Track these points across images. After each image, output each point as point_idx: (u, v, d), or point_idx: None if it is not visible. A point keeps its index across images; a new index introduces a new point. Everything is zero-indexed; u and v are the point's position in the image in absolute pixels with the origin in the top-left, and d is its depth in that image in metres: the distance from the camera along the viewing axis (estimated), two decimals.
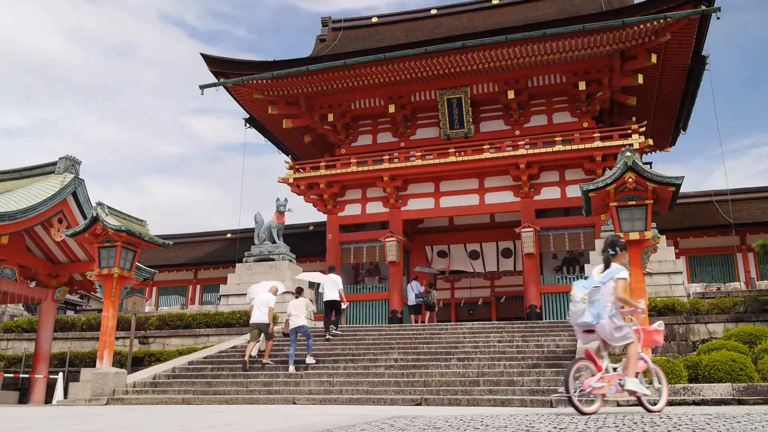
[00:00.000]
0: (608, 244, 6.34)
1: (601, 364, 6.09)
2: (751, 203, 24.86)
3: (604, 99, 22.34)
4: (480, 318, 23.60)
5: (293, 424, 5.22)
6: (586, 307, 6.01)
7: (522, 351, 13.21)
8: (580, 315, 6.07)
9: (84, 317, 20.87)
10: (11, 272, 17.23)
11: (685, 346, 14.36)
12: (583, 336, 6.34)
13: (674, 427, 4.05)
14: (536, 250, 21.51)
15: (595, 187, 12.06)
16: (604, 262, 6.24)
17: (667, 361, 10.29)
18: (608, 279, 6.04)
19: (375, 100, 24.38)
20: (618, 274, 6.03)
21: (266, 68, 22.81)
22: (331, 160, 24.28)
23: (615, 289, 5.95)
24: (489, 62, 21.37)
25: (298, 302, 13.93)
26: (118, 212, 14.44)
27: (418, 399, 10.38)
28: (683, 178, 11.72)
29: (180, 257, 29.53)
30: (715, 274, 23.97)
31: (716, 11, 18.47)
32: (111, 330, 13.83)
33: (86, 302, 32.27)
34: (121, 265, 13.86)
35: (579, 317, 6.09)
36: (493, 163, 22.06)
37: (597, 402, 5.98)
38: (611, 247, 6.28)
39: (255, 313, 13.72)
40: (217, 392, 12.17)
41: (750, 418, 4.83)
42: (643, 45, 20.09)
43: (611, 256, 6.24)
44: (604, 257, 6.28)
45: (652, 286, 15.68)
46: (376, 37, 26.46)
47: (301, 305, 13.86)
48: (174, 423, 5.71)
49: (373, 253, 23.40)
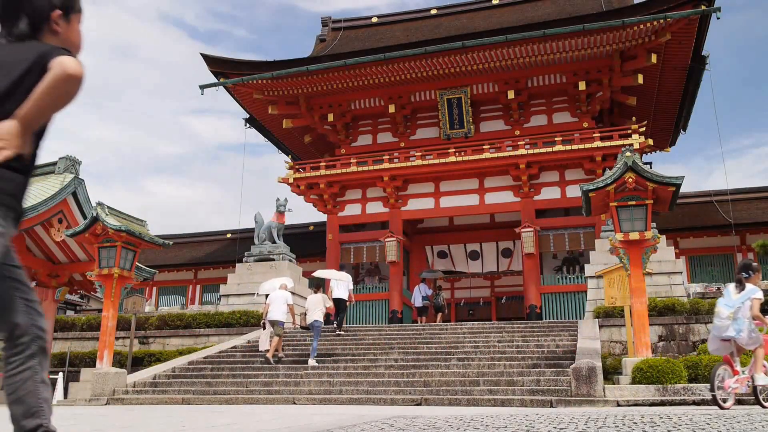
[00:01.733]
0: (742, 267, 7.33)
1: (737, 368, 7.09)
2: (751, 203, 24.86)
3: (604, 99, 22.34)
4: (480, 318, 23.60)
5: (293, 424, 5.22)
6: (731, 323, 7.01)
7: (522, 351, 13.21)
8: (725, 329, 7.10)
9: (84, 317, 20.87)
10: None
11: (685, 346, 14.35)
12: (719, 344, 7.33)
13: (674, 427, 4.04)
14: (536, 250, 21.51)
15: (595, 187, 12.06)
16: (738, 282, 7.18)
17: (667, 361, 10.29)
18: (746, 299, 6.99)
19: (375, 100, 24.38)
20: (753, 294, 6.98)
21: (266, 68, 22.81)
22: (331, 160, 24.27)
23: (751, 308, 6.92)
24: (489, 62, 21.37)
25: (316, 298, 14.30)
26: (118, 212, 14.44)
27: (418, 399, 10.38)
28: (683, 178, 11.73)
29: (180, 257, 29.51)
30: (715, 274, 23.96)
31: (716, 11, 18.48)
32: (111, 330, 13.83)
33: (86, 302, 32.27)
34: (121, 265, 13.86)
35: (724, 331, 7.11)
36: (493, 163, 22.06)
37: (731, 400, 7.01)
38: (745, 270, 7.24)
39: (271, 310, 13.84)
40: (217, 392, 12.17)
41: (750, 418, 4.83)
42: (643, 45, 20.09)
43: (745, 278, 7.15)
44: (738, 279, 7.21)
45: (652, 286, 15.67)
46: (376, 37, 26.45)
47: (319, 301, 14.21)
48: (174, 423, 5.71)
49: (373, 253, 23.39)
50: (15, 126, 1.98)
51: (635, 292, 11.75)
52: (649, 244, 11.96)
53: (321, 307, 14.14)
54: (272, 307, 13.84)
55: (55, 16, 2.19)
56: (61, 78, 1.98)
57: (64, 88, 2.00)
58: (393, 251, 22.51)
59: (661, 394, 9.77)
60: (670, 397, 9.66)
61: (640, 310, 11.64)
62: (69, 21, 2.26)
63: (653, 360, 10.39)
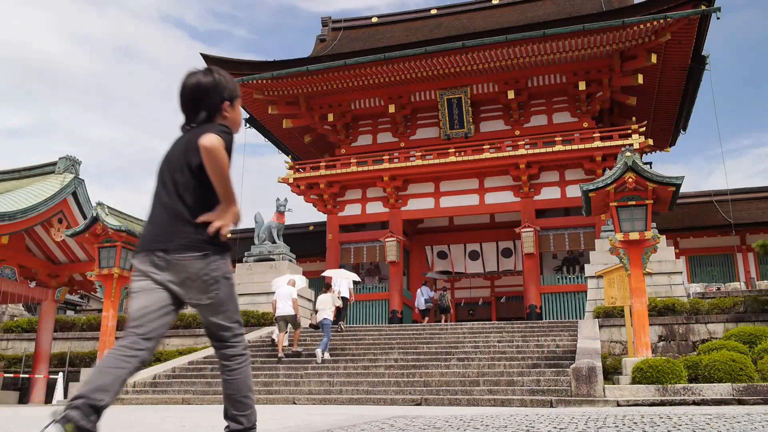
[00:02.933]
0: None
1: None
2: (751, 203, 24.86)
3: (604, 99, 22.34)
4: (480, 318, 23.61)
5: (293, 423, 5.22)
6: None
7: (522, 351, 13.21)
8: None
9: (84, 317, 20.85)
10: (11, 272, 17.23)
11: (685, 346, 14.35)
12: None
13: (674, 427, 4.04)
14: (536, 250, 21.51)
15: (595, 187, 12.06)
16: None
17: (667, 361, 10.28)
18: None
19: (375, 100, 24.37)
20: None
21: (266, 68, 22.81)
22: (331, 160, 24.27)
23: None
24: (489, 62, 21.37)
25: (326, 297, 14.50)
26: (118, 212, 14.46)
27: (418, 399, 10.38)
28: (683, 178, 11.73)
29: None
30: (715, 274, 23.96)
31: (716, 11, 18.48)
32: (111, 330, 13.84)
33: (86, 302, 32.26)
34: (121, 265, 13.87)
35: None
36: (493, 163, 22.06)
37: None
38: None
39: (279, 306, 13.99)
40: (217, 392, 12.16)
41: (750, 418, 4.83)
42: (643, 45, 20.09)
43: None
44: None
45: (652, 286, 15.67)
46: (376, 37, 26.45)
47: (328, 300, 14.41)
48: (174, 423, 5.71)
49: (373, 253, 23.39)
50: (222, 208, 2.80)
51: (635, 292, 11.75)
52: (649, 244, 11.95)
53: (331, 306, 14.32)
54: (280, 304, 14.00)
55: (225, 106, 2.92)
56: (204, 154, 2.66)
57: (209, 161, 2.65)
58: (393, 251, 22.51)
59: (661, 394, 9.77)
60: (670, 397, 9.66)
61: (640, 310, 11.63)
62: (233, 106, 2.97)
63: (653, 360, 10.39)
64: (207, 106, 2.87)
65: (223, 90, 2.92)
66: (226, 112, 2.93)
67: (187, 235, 2.74)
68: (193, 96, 2.88)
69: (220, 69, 3.01)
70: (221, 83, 2.92)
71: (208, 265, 2.76)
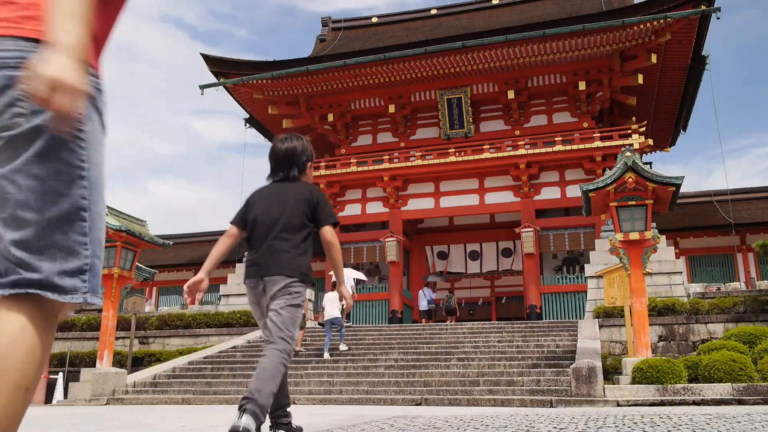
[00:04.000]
0: None
1: None
2: (751, 203, 24.86)
3: (604, 99, 22.34)
4: (480, 318, 23.61)
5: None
6: None
7: (522, 351, 13.21)
8: None
9: (84, 317, 20.85)
10: None
11: (685, 346, 14.35)
12: None
13: (674, 427, 4.04)
14: (536, 250, 21.51)
15: (595, 187, 12.06)
16: None
17: (667, 361, 10.28)
18: None
19: (375, 100, 24.38)
20: None
21: (266, 68, 22.81)
22: (331, 160, 24.27)
23: None
24: (489, 62, 21.37)
25: (333, 295, 14.37)
26: (118, 212, 14.43)
27: (418, 399, 10.38)
28: (683, 178, 11.73)
29: (180, 257, 29.51)
30: (715, 274, 23.96)
31: (716, 11, 18.48)
32: (111, 330, 13.83)
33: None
34: (121, 265, 13.86)
35: None
36: (493, 163, 22.06)
37: None
38: None
39: None
40: (217, 392, 12.17)
41: (750, 418, 4.83)
42: (643, 45, 20.09)
43: None
44: None
45: (652, 286, 15.67)
46: (376, 37, 26.46)
47: (335, 298, 14.29)
48: (174, 423, 5.71)
49: (373, 253, 23.39)
50: (346, 290, 3.76)
51: (635, 292, 11.75)
52: (649, 244, 11.96)
53: (337, 304, 14.28)
54: None
55: (308, 166, 3.81)
56: (327, 245, 3.64)
57: (330, 249, 3.66)
58: (393, 251, 22.51)
59: (661, 394, 9.77)
60: (670, 397, 9.66)
61: (640, 310, 11.63)
62: (311, 166, 3.86)
63: (653, 360, 10.39)
64: (298, 165, 3.76)
65: (309, 153, 3.81)
66: (308, 171, 3.81)
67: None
68: (287, 157, 3.75)
69: (302, 136, 3.90)
70: (308, 148, 3.81)
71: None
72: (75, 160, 1.29)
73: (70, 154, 1.28)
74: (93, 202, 1.31)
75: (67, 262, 1.27)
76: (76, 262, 1.29)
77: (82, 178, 1.29)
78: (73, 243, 1.29)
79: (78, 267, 1.29)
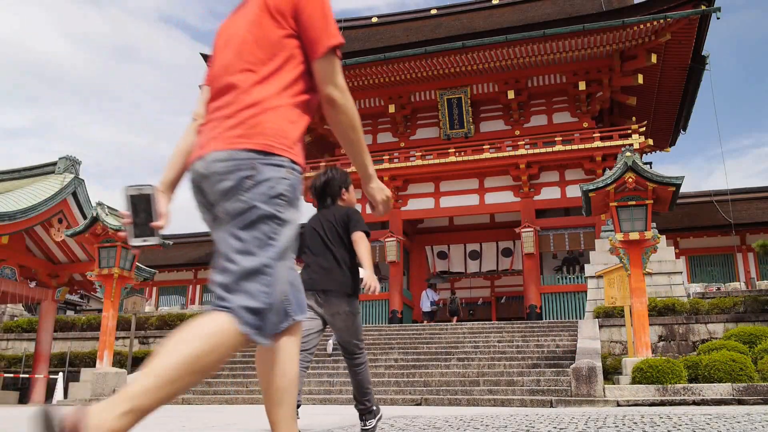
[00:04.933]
0: None
1: None
2: (751, 203, 24.86)
3: (604, 99, 22.34)
4: (480, 318, 23.61)
5: None
6: None
7: (522, 351, 13.21)
8: None
9: (84, 317, 20.86)
10: (11, 272, 17.23)
11: (685, 346, 14.36)
12: None
13: (674, 427, 4.05)
14: (536, 250, 21.51)
15: (595, 187, 12.07)
16: None
17: (667, 361, 10.29)
18: None
19: (375, 100, 24.38)
20: None
21: None
22: (331, 160, 24.27)
23: None
24: (489, 62, 21.38)
25: None
26: (118, 212, 14.43)
27: (418, 399, 10.38)
28: (683, 178, 11.73)
29: (180, 257, 29.52)
30: (715, 274, 23.96)
31: (716, 11, 18.49)
32: (111, 330, 13.83)
33: (86, 302, 32.27)
34: (121, 265, 13.86)
35: None
36: (493, 163, 22.06)
37: None
38: None
39: None
40: (217, 392, 12.17)
41: (750, 418, 4.83)
42: (643, 45, 20.09)
43: None
44: None
45: (652, 286, 15.67)
46: (376, 37, 26.45)
47: None
48: (174, 423, 5.71)
49: (372, 253, 23.33)
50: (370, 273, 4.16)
51: (635, 292, 11.75)
52: (649, 244, 11.96)
53: None
54: None
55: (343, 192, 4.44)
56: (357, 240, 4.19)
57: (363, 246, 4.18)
58: (393, 251, 22.52)
59: (661, 394, 9.77)
60: (670, 397, 9.66)
61: (640, 310, 11.64)
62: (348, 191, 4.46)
63: (653, 360, 10.39)
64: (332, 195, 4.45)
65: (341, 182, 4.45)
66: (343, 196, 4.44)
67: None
68: (323, 189, 4.50)
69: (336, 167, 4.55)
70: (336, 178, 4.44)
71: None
72: (270, 233, 1.78)
73: (268, 229, 1.78)
74: (276, 265, 1.78)
75: (248, 302, 1.72)
76: (254, 303, 1.73)
77: (272, 246, 1.78)
78: (256, 290, 1.73)
79: (255, 308, 1.73)
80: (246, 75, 1.88)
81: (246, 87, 1.87)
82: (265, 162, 1.80)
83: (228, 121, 1.85)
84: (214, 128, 1.88)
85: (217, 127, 1.87)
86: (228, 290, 1.73)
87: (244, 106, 1.85)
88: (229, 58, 1.93)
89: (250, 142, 1.80)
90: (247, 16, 1.93)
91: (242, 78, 1.88)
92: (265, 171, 1.79)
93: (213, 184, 1.82)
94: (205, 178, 1.84)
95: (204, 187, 1.86)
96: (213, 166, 1.81)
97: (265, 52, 1.88)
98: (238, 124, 1.83)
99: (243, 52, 1.90)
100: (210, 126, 1.91)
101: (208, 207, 1.89)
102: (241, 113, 1.84)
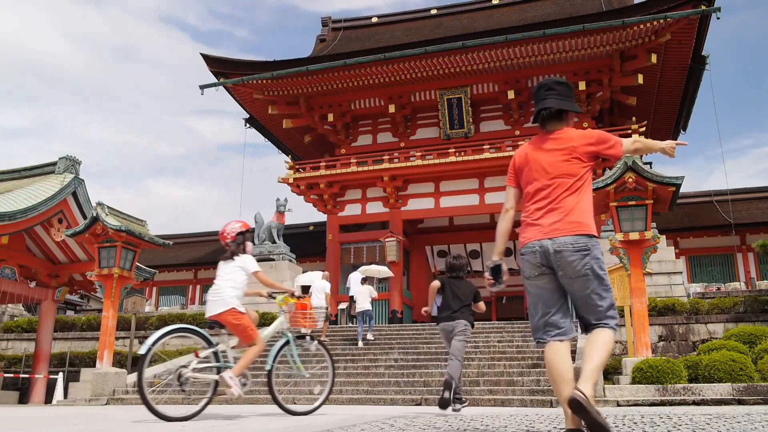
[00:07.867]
0: None
1: None
2: (751, 203, 24.86)
3: (604, 99, 22.34)
4: (480, 318, 23.59)
5: (293, 423, 5.22)
6: None
7: (522, 351, 13.21)
8: None
9: (84, 317, 20.86)
10: (11, 272, 17.23)
11: (685, 346, 14.36)
12: None
13: (674, 427, 4.04)
14: None
15: (595, 187, 12.05)
16: None
17: (667, 361, 10.28)
18: None
19: (375, 100, 24.37)
20: None
21: (266, 68, 22.81)
22: (331, 160, 24.27)
23: None
24: (489, 62, 21.37)
25: (363, 289, 15.99)
26: (118, 212, 14.43)
27: (418, 399, 10.38)
28: (683, 178, 11.73)
29: (180, 257, 29.52)
30: (715, 274, 23.96)
31: (716, 11, 18.47)
32: (111, 330, 13.83)
33: (86, 302, 32.25)
34: (121, 265, 13.85)
35: None
36: (493, 163, 22.04)
37: None
38: None
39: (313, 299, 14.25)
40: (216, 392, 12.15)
41: (750, 418, 4.82)
42: (643, 45, 20.09)
43: None
44: None
45: (652, 286, 15.67)
46: (376, 37, 26.45)
47: (366, 292, 15.90)
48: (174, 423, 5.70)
49: (373, 253, 23.38)
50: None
51: (635, 292, 11.75)
52: (649, 244, 11.96)
53: (368, 297, 15.79)
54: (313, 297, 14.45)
55: (466, 272, 7.49)
56: (475, 306, 7.43)
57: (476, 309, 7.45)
58: (393, 251, 22.51)
59: (661, 394, 9.77)
60: (670, 397, 9.66)
61: (640, 310, 11.64)
62: (466, 272, 7.16)
63: (653, 360, 10.39)
64: (462, 271, 7.37)
65: (466, 266, 5.91)
66: (465, 275, 6.67)
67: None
68: (458, 267, 7.39)
69: (463, 255, 5.87)
70: (466, 264, 6.02)
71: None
72: (606, 281, 3.47)
73: (604, 279, 3.45)
74: (610, 296, 3.48)
75: (609, 313, 3.45)
76: (611, 312, 3.45)
77: (610, 291, 3.49)
78: (608, 308, 3.45)
79: (612, 315, 3.46)
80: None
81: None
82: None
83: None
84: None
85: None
86: (598, 318, 3.47)
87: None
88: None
89: (582, 231, 3.57)
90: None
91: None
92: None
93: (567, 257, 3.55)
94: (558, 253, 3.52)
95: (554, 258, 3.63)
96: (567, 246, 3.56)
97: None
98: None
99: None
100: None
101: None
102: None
